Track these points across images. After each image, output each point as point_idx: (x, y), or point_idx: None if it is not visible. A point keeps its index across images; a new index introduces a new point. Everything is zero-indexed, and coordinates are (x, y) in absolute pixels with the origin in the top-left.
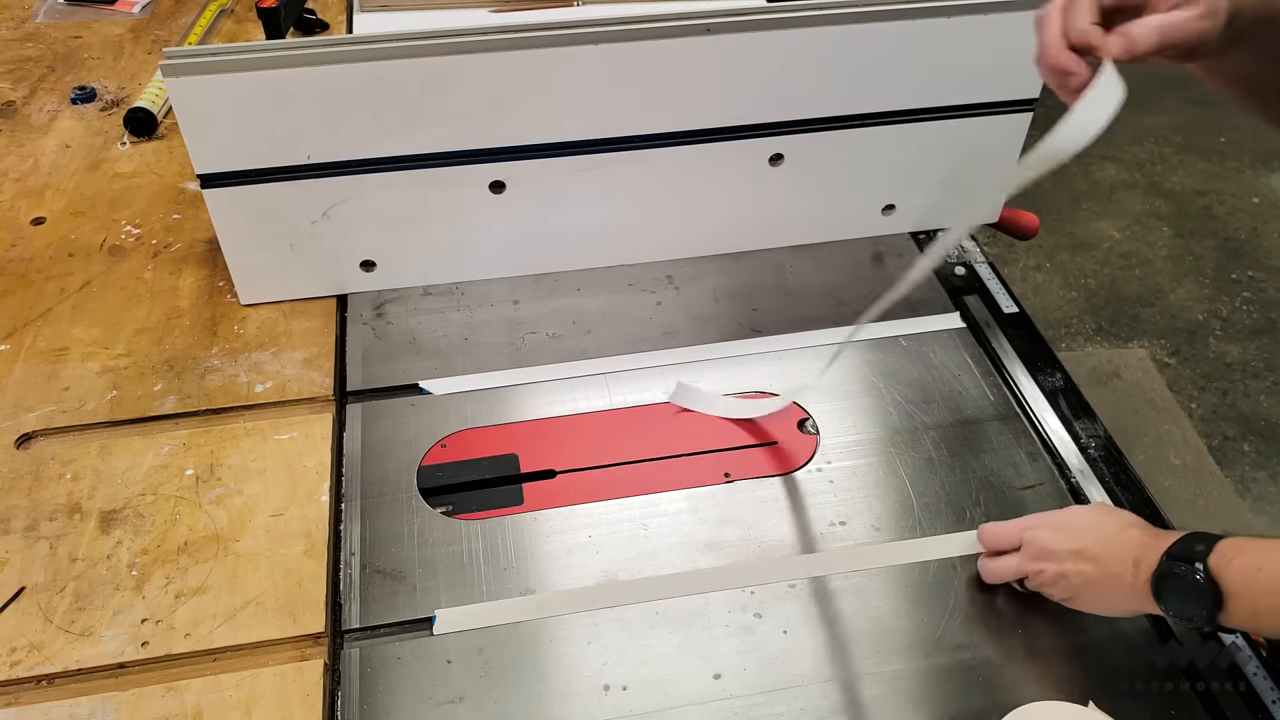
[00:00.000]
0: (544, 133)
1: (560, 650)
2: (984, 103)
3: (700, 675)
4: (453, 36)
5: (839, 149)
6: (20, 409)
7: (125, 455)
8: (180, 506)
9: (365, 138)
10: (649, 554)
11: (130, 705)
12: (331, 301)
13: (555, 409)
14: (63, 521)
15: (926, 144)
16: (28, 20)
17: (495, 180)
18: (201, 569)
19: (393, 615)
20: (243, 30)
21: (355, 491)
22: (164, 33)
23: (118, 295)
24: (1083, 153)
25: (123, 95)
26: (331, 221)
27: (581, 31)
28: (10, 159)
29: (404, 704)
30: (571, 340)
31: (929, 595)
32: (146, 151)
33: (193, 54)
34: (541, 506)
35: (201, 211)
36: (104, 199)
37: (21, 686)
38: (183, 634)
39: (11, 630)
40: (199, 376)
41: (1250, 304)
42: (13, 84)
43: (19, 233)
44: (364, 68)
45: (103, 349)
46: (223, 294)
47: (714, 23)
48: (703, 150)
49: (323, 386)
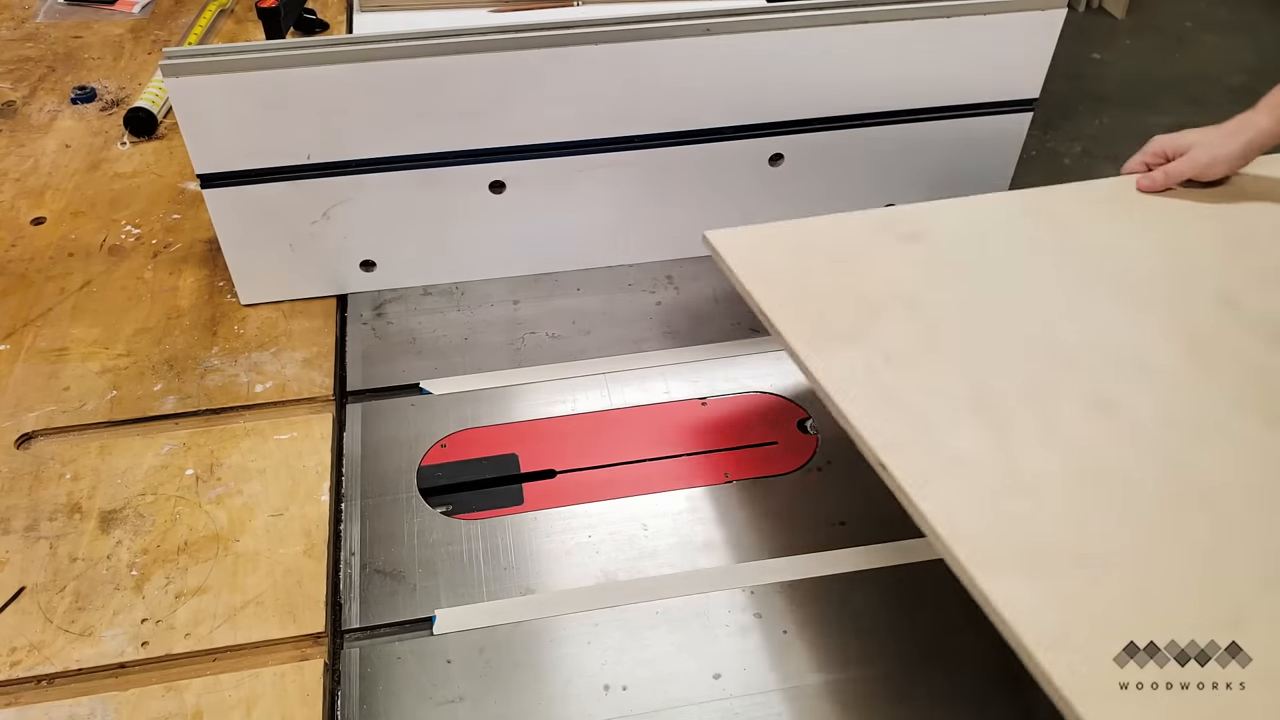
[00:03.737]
0: (544, 133)
1: (560, 650)
2: (984, 103)
3: (700, 675)
4: (452, 36)
5: (839, 149)
6: (20, 409)
7: (125, 455)
8: (180, 506)
9: (365, 138)
10: (649, 554)
11: (130, 705)
12: (331, 301)
13: (555, 409)
14: (63, 521)
15: (926, 144)
16: (28, 20)
17: (495, 180)
18: (201, 569)
19: (393, 615)
20: (243, 30)
21: (355, 491)
22: (164, 33)
23: (118, 295)
24: (1082, 153)
25: (123, 95)
26: (331, 221)
27: (581, 31)
28: (10, 159)
29: (404, 704)
30: (571, 340)
31: (929, 596)
32: (146, 151)
33: (193, 54)
34: (541, 506)
35: (201, 211)
36: (104, 199)
37: (21, 686)
38: (183, 634)
39: (11, 630)
40: (199, 376)
41: None
42: (13, 84)
43: (19, 233)
44: (364, 68)
45: (103, 349)
46: (223, 294)
47: (714, 23)
48: (703, 150)
49: (323, 386)
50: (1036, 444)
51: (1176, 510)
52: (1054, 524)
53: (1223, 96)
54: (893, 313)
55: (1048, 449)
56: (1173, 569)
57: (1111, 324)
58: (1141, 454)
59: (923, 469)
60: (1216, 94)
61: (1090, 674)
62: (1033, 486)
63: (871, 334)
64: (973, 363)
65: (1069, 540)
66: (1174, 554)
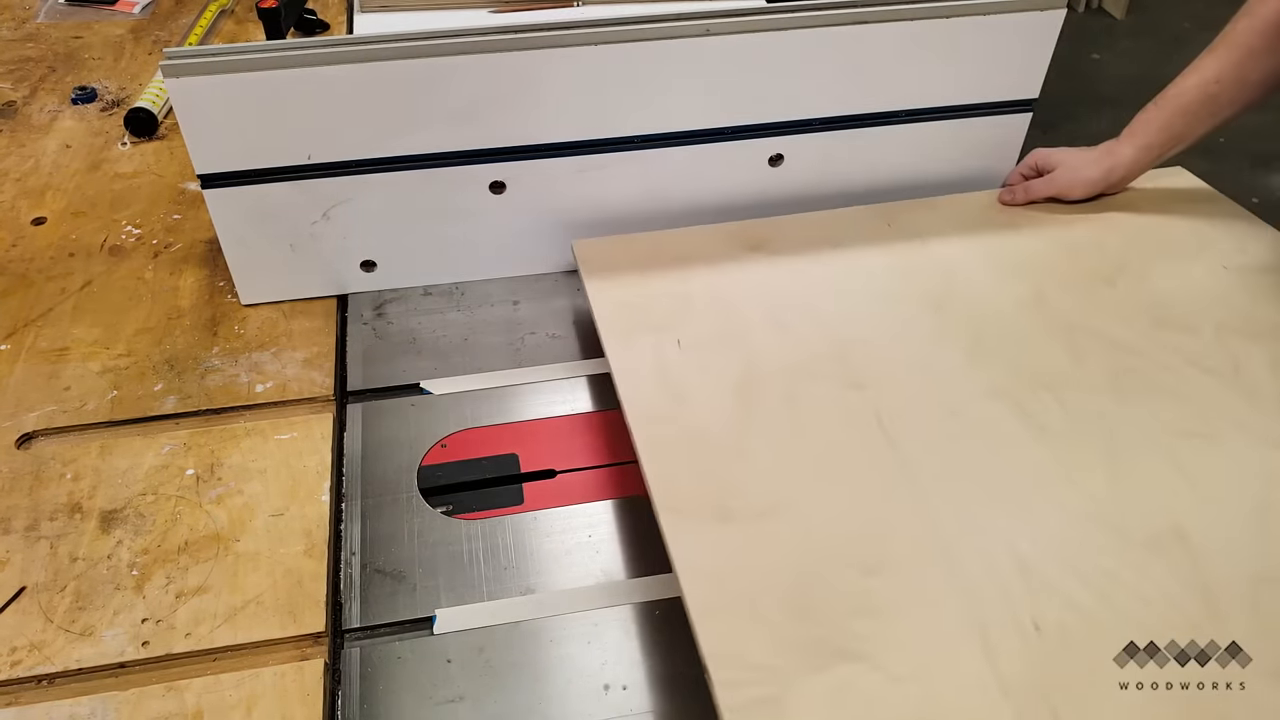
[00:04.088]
0: (544, 133)
1: (560, 650)
2: (984, 103)
3: (700, 675)
4: (452, 36)
5: (839, 149)
6: (21, 409)
7: (126, 455)
8: (180, 506)
9: (365, 138)
10: (649, 553)
11: (130, 705)
12: (332, 301)
13: (555, 409)
14: (63, 521)
15: (926, 144)
16: (28, 20)
17: (495, 180)
18: (202, 569)
19: (393, 615)
20: (243, 30)
21: (355, 491)
22: (164, 33)
23: (118, 295)
24: None
25: (123, 95)
26: (331, 221)
27: (581, 32)
28: (11, 159)
29: (404, 704)
30: (571, 340)
31: None
32: (147, 151)
33: (193, 54)
34: (541, 506)
35: (202, 211)
36: (104, 199)
37: (22, 686)
38: (183, 634)
39: (12, 630)
40: (199, 376)
41: None
42: (13, 84)
43: (20, 233)
44: (364, 68)
45: (103, 349)
46: (223, 294)
47: (714, 23)
48: (703, 150)
49: (323, 386)
50: (777, 419)
51: (876, 476)
52: (748, 481)
53: None
54: (707, 308)
55: (781, 423)
56: (839, 519)
57: (907, 328)
58: (862, 426)
59: (663, 438)
60: None
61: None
62: (752, 452)
63: (677, 325)
64: (759, 352)
65: (757, 495)
66: (843, 507)
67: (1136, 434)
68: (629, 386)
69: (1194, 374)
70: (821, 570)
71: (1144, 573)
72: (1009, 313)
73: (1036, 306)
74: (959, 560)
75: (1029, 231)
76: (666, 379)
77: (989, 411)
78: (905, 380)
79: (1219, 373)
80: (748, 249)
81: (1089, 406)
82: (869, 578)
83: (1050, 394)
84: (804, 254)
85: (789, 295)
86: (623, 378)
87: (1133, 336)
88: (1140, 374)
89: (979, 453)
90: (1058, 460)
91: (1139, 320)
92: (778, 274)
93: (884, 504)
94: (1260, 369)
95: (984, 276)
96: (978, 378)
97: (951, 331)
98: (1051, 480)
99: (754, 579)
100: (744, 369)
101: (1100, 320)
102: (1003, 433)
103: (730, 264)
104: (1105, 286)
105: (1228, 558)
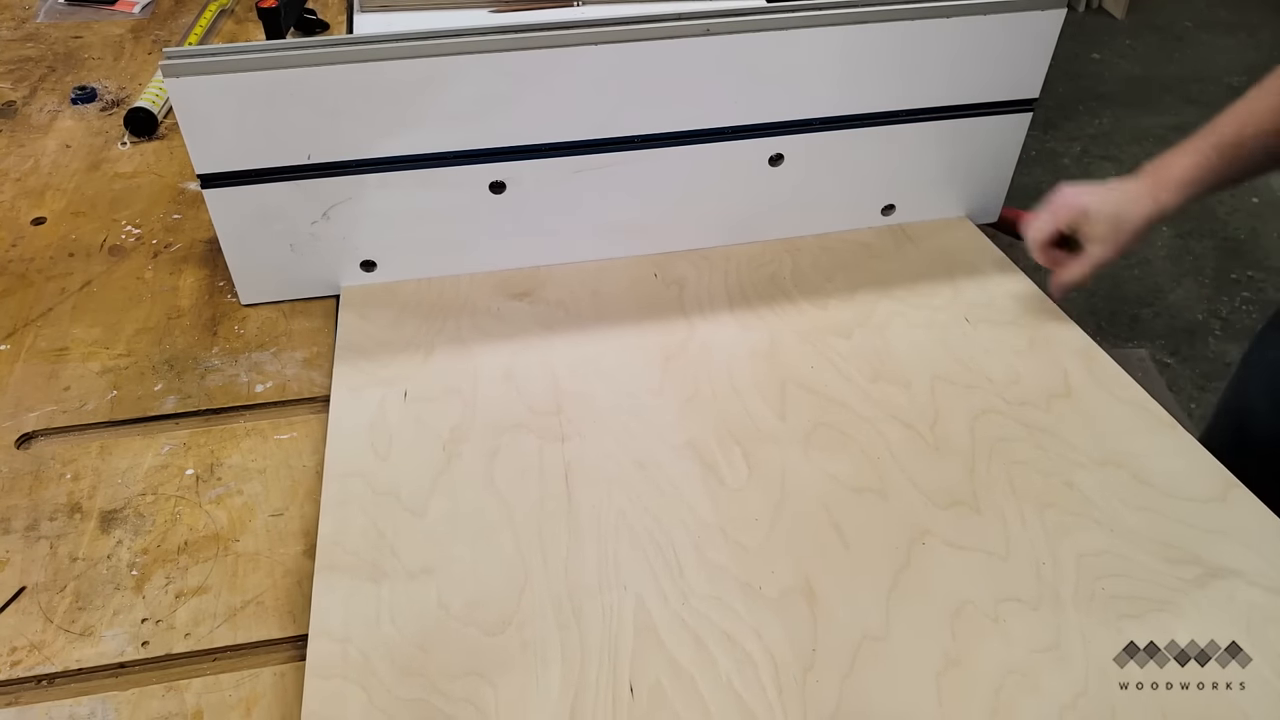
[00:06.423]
0: (544, 133)
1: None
2: (984, 103)
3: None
4: (452, 36)
5: (839, 149)
6: (21, 409)
7: (125, 455)
8: (180, 506)
9: (365, 138)
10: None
11: (130, 705)
12: (332, 301)
13: None
14: (63, 521)
15: (926, 144)
16: (28, 20)
17: (495, 180)
18: (201, 569)
19: None
20: (243, 30)
21: None
22: (164, 33)
23: (118, 295)
24: (1081, 153)
25: (123, 95)
26: (331, 221)
27: (581, 31)
28: (11, 159)
29: None
30: None
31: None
32: (147, 151)
33: (193, 54)
34: None
35: (201, 211)
36: (104, 199)
37: (22, 686)
38: (183, 634)
39: (12, 630)
40: (199, 376)
41: (1250, 304)
42: (13, 84)
43: (19, 233)
44: (364, 68)
45: (103, 349)
46: (223, 294)
47: (714, 23)
48: (702, 150)
49: (323, 386)
50: (471, 475)
51: (539, 534)
52: (413, 540)
53: (1223, 96)
54: (444, 360)
55: (474, 479)
56: (483, 578)
57: (634, 380)
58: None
59: (350, 493)
60: (1216, 94)
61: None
62: (429, 511)
63: (409, 377)
64: (479, 405)
65: (414, 555)
66: (492, 566)
67: (807, 489)
68: (337, 439)
69: (893, 427)
70: (446, 631)
71: (760, 633)
72: (740, 363)
73: (768, 357)
74: (585, 620)
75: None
76: (378, 432)
77: (676, 466)
78: (607, 434)
79: (915, 427)
80: (512, 298)
81: (774, 461)
82: (490, 637)
83: (739, 447)
84: (562, 305)
85: (530, 348)
86: (335, 429)
87: (846, 390)
88: (836, 427)
89: (650, 507)
90: (720, 515)
91: (861, 373)
92: (528, 325)
93: (536, 562)
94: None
95: (728, 326)
96: (682, 430)
97: (676, 383)
98: (709, 536)
99: (379, 640)
100: (458, 423)
101: (821, 373)
102: (678, 487)
103: (486, 315)
104: (840, 339)
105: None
